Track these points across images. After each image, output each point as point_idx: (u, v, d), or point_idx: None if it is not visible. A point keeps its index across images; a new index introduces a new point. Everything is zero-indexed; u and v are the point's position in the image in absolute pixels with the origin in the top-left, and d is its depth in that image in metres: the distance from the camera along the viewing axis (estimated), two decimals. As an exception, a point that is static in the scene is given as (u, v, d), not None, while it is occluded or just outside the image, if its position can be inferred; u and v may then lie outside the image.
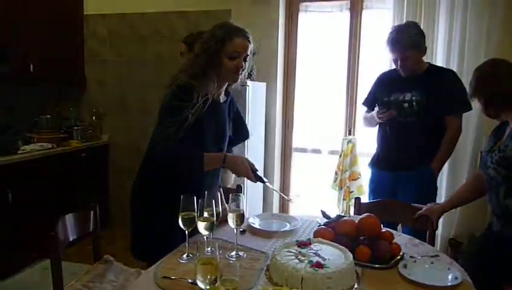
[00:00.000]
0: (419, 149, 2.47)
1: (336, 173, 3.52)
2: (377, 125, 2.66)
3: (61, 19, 3.78)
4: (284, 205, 3.93)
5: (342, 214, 1.81)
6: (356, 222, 1.68)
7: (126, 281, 1.89)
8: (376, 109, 2.56)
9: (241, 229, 1.87)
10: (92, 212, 1.98)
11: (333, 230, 1.69)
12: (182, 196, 1.53)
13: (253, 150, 3.47)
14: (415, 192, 2.45)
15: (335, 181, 3.52)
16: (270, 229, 1.89)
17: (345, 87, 3.65)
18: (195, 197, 1.52)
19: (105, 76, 4.06)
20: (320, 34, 3.72)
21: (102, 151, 4.01)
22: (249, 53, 1.78)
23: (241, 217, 1.58)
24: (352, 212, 3.58)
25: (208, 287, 1.24)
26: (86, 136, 3.86)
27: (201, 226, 1.52)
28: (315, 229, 1.77)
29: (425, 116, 2.43)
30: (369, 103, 2.74)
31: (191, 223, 1.54)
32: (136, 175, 1.91)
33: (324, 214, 1.82)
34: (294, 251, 1.50)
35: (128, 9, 3.91)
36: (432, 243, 2.08)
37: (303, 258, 1.43)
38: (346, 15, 3.59)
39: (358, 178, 3.46)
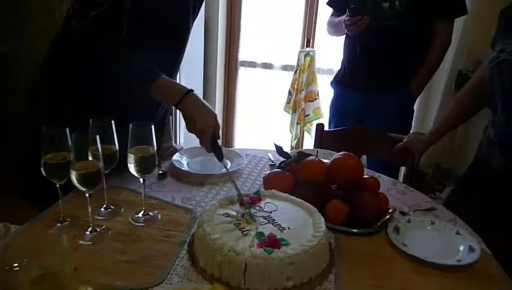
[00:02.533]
0: (399, 64, 1.93)
1: (290, 93, 2.96)
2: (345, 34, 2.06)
3: None
4: (227, 134, 3.36)
5: (304, 151, 1.27)
6: (327, 163, 1.14)
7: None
8: (347, 10, 1.92)
9: (160, 171, 1.29)
10: None
11: (292, 175, 1.16)
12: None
13: (189, 64, 2.77)
14: (389, 118, 1.96)
15: (288, 102, 2.98)
16: (203, 171, 1.32)
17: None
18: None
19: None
20: None
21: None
22: None
23: (150, 159, 0.98)
24: (308, 143, 3.15)
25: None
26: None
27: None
28: (266, 172, 1.22)
29: (410, 20, 1.86)
30: (337, 3, 2.11)
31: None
32: (39, 76, 1.22)
33: (279, 150, 1.27)
34: (234, 212, 0.95)
35: None
36: (409, 182, 1.64)
37: (248, 227, 0.89)
38: None
39: (316, 99, 2.94)
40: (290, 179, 1.14)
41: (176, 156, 1.37)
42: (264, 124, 3.30)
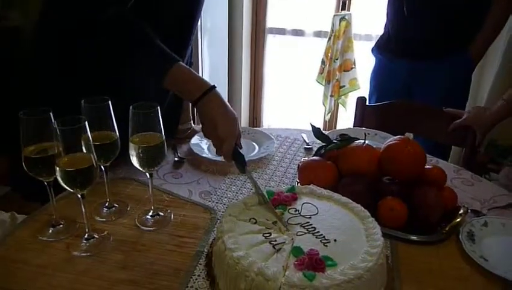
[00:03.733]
0: (453, 26, 1.64)
1: (323, 62, 2.70)
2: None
3: None
4: (254, 109, 3.13)
5: (346, 133, 1.03)
6: (378, 149, 0.92)
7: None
8: None
9: (176, 158, 1.10)
10: None
11: (335, 164, 0.93)
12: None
13: (212, 33, 2.54)
14: (442, 89, 1.68)
15: (321, 72, 2.72)
16: (226, 157, 1.11)
17: None
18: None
19: None
20: None
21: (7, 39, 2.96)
22: None
23: (158, 149, 0.78)
24: (343, 117, 2.85)
25: None
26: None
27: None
28: (302, 160, 1.00)
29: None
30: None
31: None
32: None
33: (317, 132, 1.04)
34: (262, 217, 0.75)
35: None
36: (470, 167, 1.39)
37: (281, 239, 0.69)
38: None
39: (353, 68, 2.66)
40: (332, 170, 0.92)
41: (194, 139, 1.17)
42: (294, 96, 3.05)
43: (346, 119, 2.89)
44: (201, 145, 1.16)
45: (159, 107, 0.75)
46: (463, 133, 1.41)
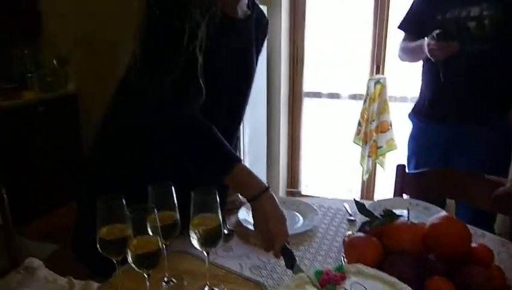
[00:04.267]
0: (491, 93, 1.68)
1: (359, 123, 2.76)
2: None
3: None
4: (292, 170, 3.20)
5: (392, 210, 1.07)
6: (422, 226, 0.95)
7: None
8: (432, 35, 1.67)
9: (225, 231, 1.17)
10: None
11: (379, 241, 0.97)
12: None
13: (252, 97, 2.69)
14: (482, 155, 1.70)
15: (358, 134, 2.78)
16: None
17: (371, 9, 2.77)
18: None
19: (65, 6, 3.21)
20: None
21: (68, 105, 3.25)
22: None
23: (216, 231, 0.86)
24: (381, 177, 2.87)
25: None
26: (45, 85, 3.08)
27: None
28: (346, 234, 1.05)
29: (503, 41, 1.62)
30: (410, 25, 1.90)
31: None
32: (95, 138, 1.17)
33: (360, 207, 1.08)
34: (314, 298, 0.79)
35: None
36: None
37: (333, 321, 0.72)
38: None
39: (389, 129, 2.71)
40: (377, 247, 0.95)
41: (242, 212, 1.24)
42: (331, 156, 3.11)
43: (384, 179, 2.90)
44: (249, 219, 1.22)
45: (217, 193, 0.84)
46: (507, 201, 1.41)
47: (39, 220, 2.79)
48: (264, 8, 2.73)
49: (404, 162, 1.96)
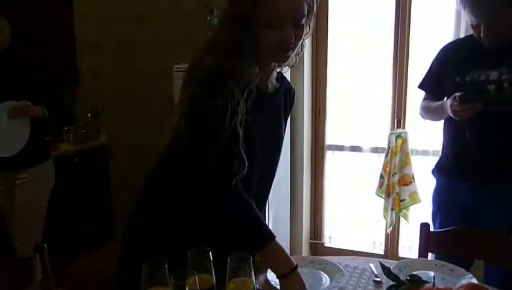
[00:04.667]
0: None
1: (382, 176, 2.79)
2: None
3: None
4: (315, 221, 3.23)
5: (418, 276, 1.09)
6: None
7: None
8: (454, 97, 1.70)
9: (254, 290, 1.20)
10: (37, 256, 1.36)
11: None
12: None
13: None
14: (508, 216, 1.71)
15: (380, 186, 2.80)
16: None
17: (390, 65, 2.88)
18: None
19: (100, 65, 3.44)
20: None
21: (100, 155, 3.42)
22: (304, 13, 1.06)
23: None
24: (405, 230, 2.85)
25: None
26: (80, 137, 3.26)
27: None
28: (373, 297, 1.08)
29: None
30: (430, 86, 1.98)
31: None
32: (141, 191, 1.26)
33: (387, 272, 1.12)
34: None
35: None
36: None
37: None
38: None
39: (412, 183, 2.72)
40: (405, 313, 0.98)
41: (271, 272, 1.28)
42: (354, 209, 3.12)
43: (409, 232, 2.88)
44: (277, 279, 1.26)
45: (252, 259, 0.90)
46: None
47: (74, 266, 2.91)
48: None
49: (429, 216, 1.98)
